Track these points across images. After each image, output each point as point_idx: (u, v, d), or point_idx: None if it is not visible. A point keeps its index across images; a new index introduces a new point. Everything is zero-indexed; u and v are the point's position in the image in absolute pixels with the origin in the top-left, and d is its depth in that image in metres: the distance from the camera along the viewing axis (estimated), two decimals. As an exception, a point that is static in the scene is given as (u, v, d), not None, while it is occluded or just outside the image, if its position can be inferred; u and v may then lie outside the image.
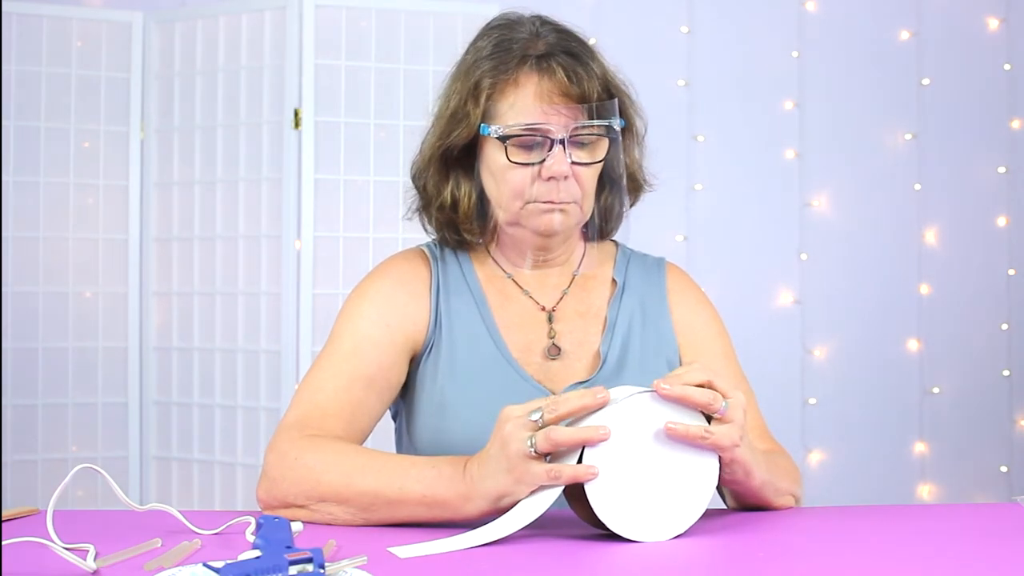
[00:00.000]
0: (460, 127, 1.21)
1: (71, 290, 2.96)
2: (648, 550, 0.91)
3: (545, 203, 1.18)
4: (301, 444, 1.10)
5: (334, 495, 1.05)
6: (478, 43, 1.24)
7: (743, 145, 3.31)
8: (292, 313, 2.84)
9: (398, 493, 1.02)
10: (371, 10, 2.89)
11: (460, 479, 0.99)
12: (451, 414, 1.20)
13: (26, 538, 0.89)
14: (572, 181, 1.18)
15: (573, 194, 1.19)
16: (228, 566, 0.76)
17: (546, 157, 1.16)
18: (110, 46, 2.97)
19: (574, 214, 1.21)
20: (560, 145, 1.16)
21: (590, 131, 1.17)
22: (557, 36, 1.21)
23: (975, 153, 3.38)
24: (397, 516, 1.04)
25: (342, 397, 1.18)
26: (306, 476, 1.07)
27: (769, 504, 1.12)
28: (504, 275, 1.30)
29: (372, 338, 1.21)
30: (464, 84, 1.21)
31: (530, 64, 1.18)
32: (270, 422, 2.88)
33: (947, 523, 1.05)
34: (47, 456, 2.92)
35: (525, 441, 0.93)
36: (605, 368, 1.24)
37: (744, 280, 3.28)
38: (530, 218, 1.20)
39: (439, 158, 1.25)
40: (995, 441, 3.37)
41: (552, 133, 1.16)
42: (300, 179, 2.84)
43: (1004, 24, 3.38)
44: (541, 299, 1.29)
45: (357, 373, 1.19)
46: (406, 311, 1.24)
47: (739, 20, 3.32)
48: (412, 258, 1.31)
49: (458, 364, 1.23)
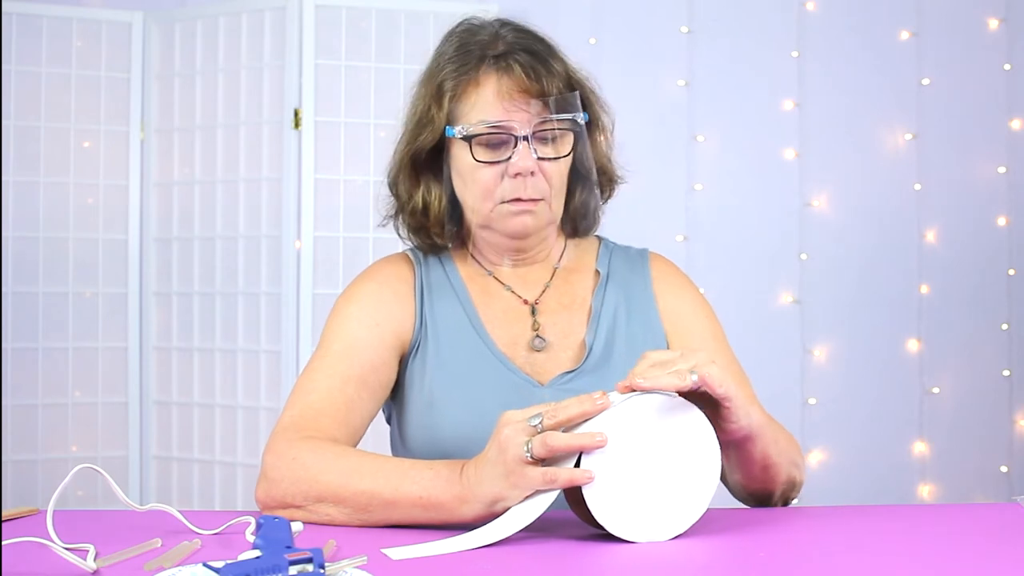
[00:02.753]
0: (426, 130, 1.23)
1: (71, 290, 2.96)
2: (648, 551, 0.91)
3: (513, 202, 1.20)
4: (298, 445, 1.10)
5: (331, 495, 1.05)
6: (441, 48, 1.27)
7: (743, 145, 3.31)
8: (292, 313, 2.85)
9: (394, 494, 1.03)
10: (371, 10, 2.89)
11: (457, 481, 1.00)
12: (440, 411, 1.21)
13: (26, 538, 0.88)
14: (540, 177, 1.19)
15: (541, 190, 1.20)
16: (228, 566, 0.76)
17: (511, 154, 1.18)
18: (110, 46, 2.97)
19: (543, 213, 1.22)
20: (524, 141, 1.17)
21: (553, 126, 1.19)
22: (516, 35, 1.23)
23: (975, 153, 3.38)
24: (393, 517, 1.04)
25: (336, 397, 1.18)
26: (303, 476, 1.07)
27: (774, 466, 1.10)
28: (485, 272, 1.31)
29: (361, 338, 1.22)
30: (428, 88, 1.24)
31: (488, 63, 1.20)
32: (270, 422, 2.88)
33: (947, 523, 1.05)
34: (47, 456, 2.92)
35: (522, 446, 0.93)
36: (591, 358, 1.24)
37: (744, 280, 3.28)
38: (500, 221, 1.22)
39: (408, 163, 1.27)
40: (995, 441, 3.37)
41: (515, 130, 1.18)
42: (300, 179, 2.84)
43: (1004, 24, 3.38)
44: (523, 293, 1.29)
45: (349, 373, 1.20)
46: (392, 311, 1.26)
47: (739, 20, 3.31)
48: (396, 261, 1.33)
49: (445, 361, 1.23)
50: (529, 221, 1.21)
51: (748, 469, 1.10)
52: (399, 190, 1.29)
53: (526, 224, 1.22)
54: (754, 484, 1.14)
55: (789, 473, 1.15)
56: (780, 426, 1.24)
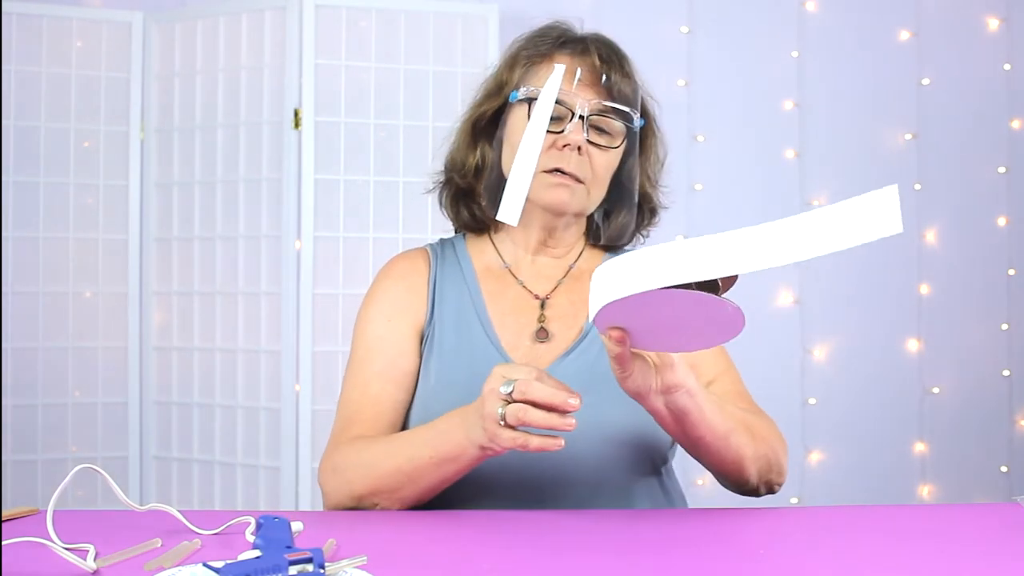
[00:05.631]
0: (493, 96, 1.29)
1: (71, 290, 2.96)
2: (648, 551, 0.91)
3: (554, 173, 1.22)
4: (335, 457, 1.19)
5: (369, 490, 1.13)
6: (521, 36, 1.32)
7: (743, 145, 3.31)
8: (292, 313, 2.84)
9: (410, 463, 1.09)
10: (371, 10, 2.89)
11: (457, 428, 1.07)
12: (438, 400, 1.24)
13: (26, 538, 0.89)
14: (585, 160, 1.23)
15: (584, 171, 1.23)
16: (228, 566, 0.76)
17: (564, 127, 1.21)
18: (110, 46, 2.97)
19: (581, 196, 1.25)
20: (579, 119, 1.21)
21: (611, 116, 1.23)
22: (597, 35, 1.30)
23: (975, 153, 3.38)
24: (422, 485, 1.10)
25: (362, 400, 1.25)
26: (342, 483, 1.15)
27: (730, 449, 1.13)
28: (503, 264, 1.34)
29: (380, 336, 1.28)
30: (504, 62, 1.30)
31: (566, 45, 1.26)
32: (270, 422, 2.88)
33: (947, 523, 1.05)
34: (47, 456, 2.92)
35: (497, 409, 0.99)
36: (584, 340, 1.27)
37: (744, 280, 3.26)
38: (539, 191, 1.24)
39: (470, 128, 1.32)
40: (995, 441, 3.37)
41: (575, 106, 1.21)
42: (300, 179, 2.84)
43: (1004, 24, 3.38)
44: (536, 288, 1.32)
45: (371, 371, 1.26)
46: (407, 303, 1.30)
47: (739, 20, 3.32)
48: (413, 256, 1.36)
49: (448, 352, 1.26)
50: (566, 196, 1.24)
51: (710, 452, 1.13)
52: (455, 159, 1.34)
53: (562, 198, 1.24)
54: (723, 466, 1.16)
55: (758, 451, 1.16)
56: (759, 412, 1.26)
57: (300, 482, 2.83)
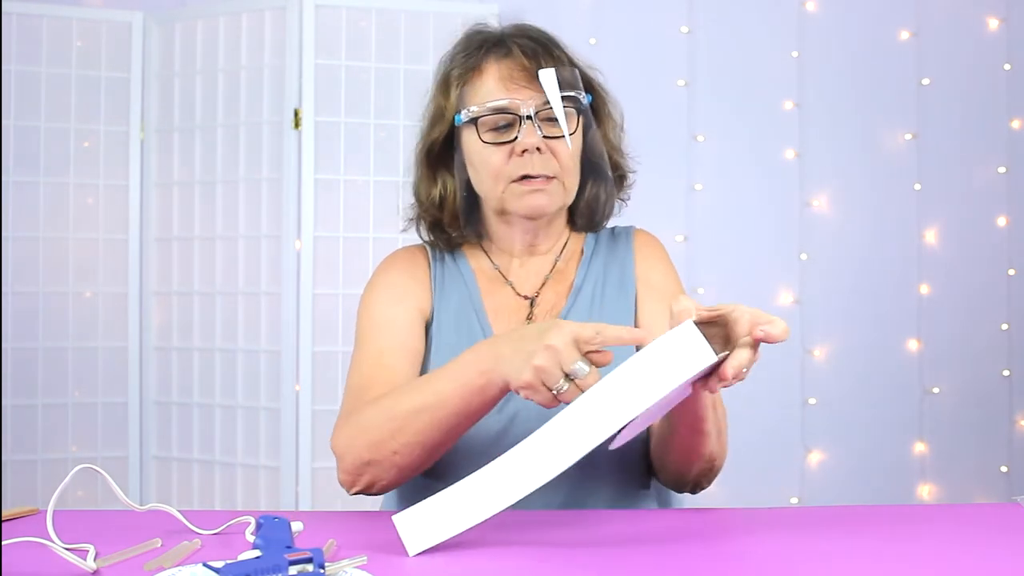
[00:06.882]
0: (437, 124, 1.28)
1: (71, 290, 2.96)
2: (647, 551, 0.91)
3: (523, 180, 1.22)
4: (351, 418, 1.15)
5: (389, 433, 1.09)
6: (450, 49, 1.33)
7: (743, 145, 3.31)
8: (292, 313, 2.84)
9: (436, 398, 1.06)
10: (371, 10, 2.89)
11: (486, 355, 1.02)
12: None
13: (26, 538, 0.89)
14: (548, 156, 1.22)
15: (551, 168, 1.23)
16: (228, 566, 0.76)
17: (517, 134, 1.21)
18: (110, 46, 2.97)
19: (556, 192, 1.25)
20: (528, 120, 1.21)
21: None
22: (517, 27, 1.29)
23: (975, 153, 3.38)
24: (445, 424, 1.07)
25: (377, 370, 1.22)
26: (358, 433, 1.12)
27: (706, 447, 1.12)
28: (494, 267, 1.34)
29: (390, 315, 1.28)
30: (438, 86, 1.30)
31: (489, 50, 1.26)
32: (270, 422, 2.88)
33: (947, 523, 1.05)
34: (47, 456, 2.92)
35: (559, 380, 0.94)
36: (562, 313, 1.28)
37: (744, 280, 3.28)
38: (513, 202, 1.24)
39: (424, 160, 1.32)
40: (995, 441, 3.37)
41: (519, 109, 1.21)
42: (300, 179, 2.84)
43: (1004, 24, 3.38)
44: (525, 288, 1.33)
45: (383, 345, 1.25)
46: (412, 289, 1.31)
47: (739, 20, 3.32)
48: (412, 251, 1.38)
49: (444, 345, 1.28)
50: (543, 200, 1.24)
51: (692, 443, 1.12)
52: (419, 191, 1.34)
53: (539, 203, 1.24)
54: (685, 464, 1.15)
55: (711, 450, 1.15)
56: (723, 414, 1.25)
57: (300, 482, 2.83)
